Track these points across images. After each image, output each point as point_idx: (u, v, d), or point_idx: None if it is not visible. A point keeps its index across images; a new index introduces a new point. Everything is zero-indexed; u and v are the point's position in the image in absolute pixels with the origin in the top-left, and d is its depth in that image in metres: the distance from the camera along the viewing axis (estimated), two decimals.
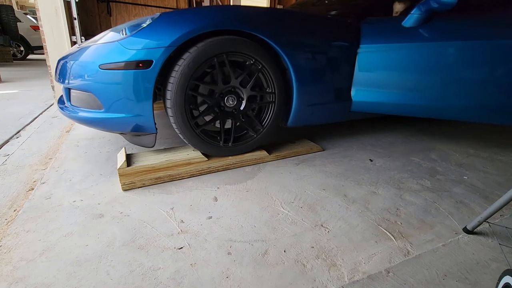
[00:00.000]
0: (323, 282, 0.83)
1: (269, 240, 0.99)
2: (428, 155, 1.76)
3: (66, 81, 1.36)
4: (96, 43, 1.34)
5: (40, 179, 1.37)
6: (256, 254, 0.93)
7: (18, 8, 14.40)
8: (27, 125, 2.21)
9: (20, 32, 7.03)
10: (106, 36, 1.35)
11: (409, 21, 1.55)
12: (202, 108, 1.45)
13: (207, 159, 1.47)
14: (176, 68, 1.30)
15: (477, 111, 1.54)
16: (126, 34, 1.28)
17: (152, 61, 1.23)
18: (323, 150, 1.79)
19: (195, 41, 1.31)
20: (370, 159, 1.68)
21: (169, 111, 1.37)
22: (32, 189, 1.29)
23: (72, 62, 1.35)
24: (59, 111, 1.50)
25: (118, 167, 1.32)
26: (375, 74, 1.66)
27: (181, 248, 0.94)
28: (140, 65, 1.23)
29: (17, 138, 1.97)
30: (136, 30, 1.26)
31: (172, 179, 1.37)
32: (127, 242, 0.96)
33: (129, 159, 1.40)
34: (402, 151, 1.82)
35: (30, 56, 8.13)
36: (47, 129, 2.12)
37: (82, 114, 1.36)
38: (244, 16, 1.36)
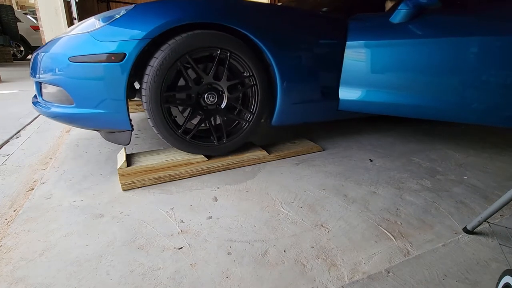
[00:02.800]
0: (323, 282, 0.83)
1: (269, 240, 0.99)
2: (428, 155, 1.76)
3: (37, 75, 1.31)
4: (68, 34, 1.28)
5: (40, 179, 1.37)
6: (256, 254, 0.93)
7: (18, 8, 14.40)
8: (27, 125, 2.21)
9: (20, 32, 7.03)
10: (79, 27, 1.29)
11: (396, 17, 1.51)
12: (186, 113, 1.41)
13: (207, 159, 1.47)
14: (144, 85, 1.25)
15: (470, 112, 1.49)
16: (98, 25, 1.22)
17: (125, 54, 1.18)
18: (323, 150, 1.79)
19: (172, 34, 1.25)
20: (370, 159, 1.68)
21: (154, 129, 1.35)
22: (32, 189, 1.29)
23: (42, 54, 1.29)
24: (32, 107, 1.45)
25: (118, 167, 1.32)
26: (363, 72, 1.61)
27: (181, 248, 0.94)
28: (112, 58, 1.17)
29: (17, 138, 1.97)
30: (109, 21, 1.21)
31: (172, 179, 1.37)
32: (127, 242, 0.96)
33: (129, 159, 1.40)
34: (402, 151, 1.82)
35: (30, 56, 8.13)
36: (47, 129, 2.12)
37: (54, 109, 1.31)
38: (220, 9, 1.30)
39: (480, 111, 1.47)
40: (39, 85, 1.37)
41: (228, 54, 1.35)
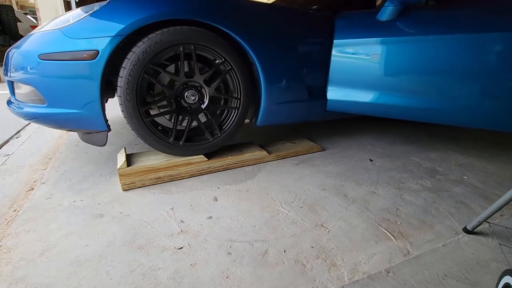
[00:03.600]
0: (323, 282, 0.83)
1: (269, 240, 0.99)
2: (428, 155, 1.76)
3: (9, 73, 1.26)
4: (39, 30, 1.24)
5: (40, 179, 1.37)
6: (256, 254, 0.93)
7: (18, 8, 14.38)
8: (27, 125, 2.21)
9: (20, 32, 7.02)
10: (52, 23, 1.25)
11: (383, 14, 1.46)
12: (172, 119, 1.39)
13: (207, 159, 1.47)
14: (121, 106, 1.24)
15: (461, 114, 1.43)
16: (72, 20, 1.17)
17: (98, 52, 1.13)
18: (323, 150, 1.79)
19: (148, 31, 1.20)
20: (370, 159, 1.68)
21: (147, 144, 1.35)
22: (32, 189, 1.29)
23: (14, 51, 1.24)
24: (6, 107, 1.41)
25: (118, 167, 1.32)
26: (350, 71, 1.56)
27: (181, 248, 0.94)
28: (84, 55, 1.13)
29: (17, 138, 1.97)
30: (81, 17, 1.16)
31: (172, 179, 1.37)
32: (127, 242, 0.96)
33: (129, 159, 1.40)
34: (402, 151, 1.82)
35: None
36: (47, 129, 2.12)
37: (26, 109, 1.26)
38: (201, 5, 1.26)
39: (474, 114, 1.42)
40: (11, 84, 1.33)
41: (192, 47, 1.27)
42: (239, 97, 1.45)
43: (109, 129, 1.31)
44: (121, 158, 1.37)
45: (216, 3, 1.31)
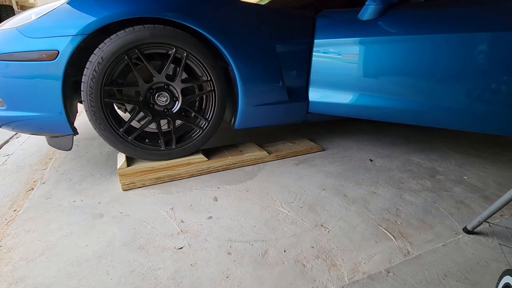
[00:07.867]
0: (323, 282, 0.83)
1: (269, 240, 0.99)
2: (428, 155, 1.76)
3: None
4: None
5: (40, 179, 1.37)
6: (256, 254, 0.93)
7: (18, 8, 14.38)
8: None
9: None
10: (11, 21, 1.19)
11: (364, 13, 1.41)
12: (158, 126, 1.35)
13: (207, 159, 1.47)
14: (92, 125, 1.19)
15: (446, 116, 1.39)
16: (31, 18, 1.11)
17: (58, 52, 1.08)
18: (323, 150, 1.79)
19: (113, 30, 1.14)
20: (370, 159, 1.68)
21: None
22: (32, 189, 1.29)
23: None
24: None
25: (118, 167, 1.32)
26: (332, 72, 1.52)
27: (181, 248, 0.94)
28: (43, 56, 1.07)
29: (17, 138, 1.97)
30: (40, 15, 1.10)
31: (172, 179, 1.37)
32: (127, 242, 0.96)
33: (129, 159, 1.40)
34: (402, 151, 1.82)
35: None
36: None
37: None
38: (169, 3, 1.20)
39: (458, 116, 1.38)
40: None
41: (137, 51, 1.20)
42: (209, 78, 1.36)
43: (76, 133, 1.25)
44: (121, 158, 1.37)
45: (190, 2, 1.25)
